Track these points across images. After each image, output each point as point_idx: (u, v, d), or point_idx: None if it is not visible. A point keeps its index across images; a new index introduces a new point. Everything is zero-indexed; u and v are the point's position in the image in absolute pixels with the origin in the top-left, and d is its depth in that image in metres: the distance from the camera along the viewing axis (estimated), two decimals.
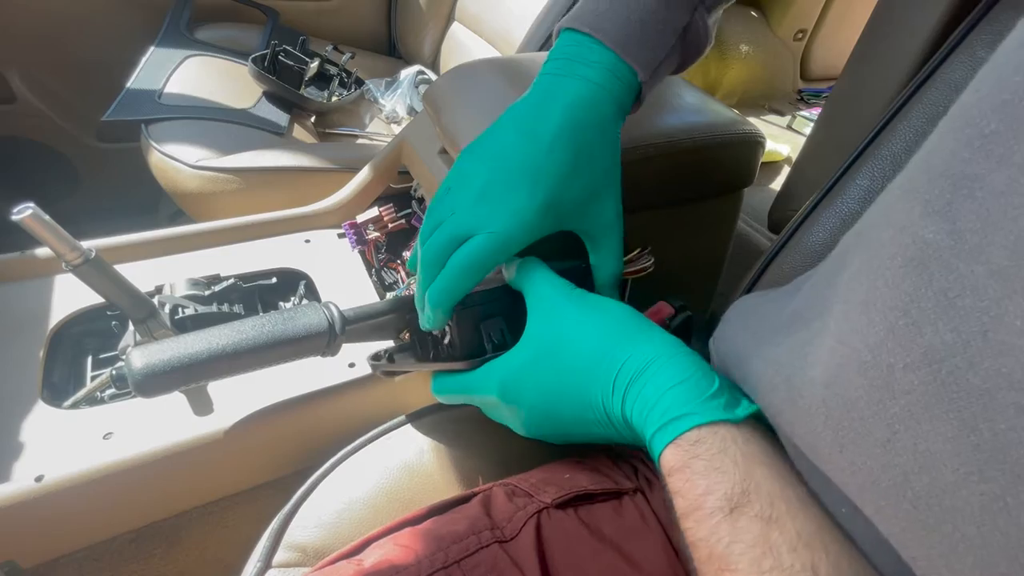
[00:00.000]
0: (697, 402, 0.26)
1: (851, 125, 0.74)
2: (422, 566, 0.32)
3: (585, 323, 0.32)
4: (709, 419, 0.26)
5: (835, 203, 0.44)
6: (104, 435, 0.49)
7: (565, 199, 0.36)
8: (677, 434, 0.26)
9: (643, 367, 0.29)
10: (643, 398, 0.28)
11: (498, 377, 0.35)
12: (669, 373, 0.28)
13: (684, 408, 0.26)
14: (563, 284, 0.35)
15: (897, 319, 0.18)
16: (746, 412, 0.26)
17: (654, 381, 0.28)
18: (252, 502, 0.53)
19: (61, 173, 1.26)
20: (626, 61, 0.36)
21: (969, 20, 0.38)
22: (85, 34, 1.17)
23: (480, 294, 0.39)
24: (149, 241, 0.67)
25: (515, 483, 0.39)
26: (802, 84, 1.55)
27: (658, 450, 0.27)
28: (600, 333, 0.31)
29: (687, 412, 0.26)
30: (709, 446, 0.25)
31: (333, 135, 1.11)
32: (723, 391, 0.27)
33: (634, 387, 0.29)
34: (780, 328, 0.27)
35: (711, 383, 0.27)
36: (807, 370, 0.23)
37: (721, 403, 0.26)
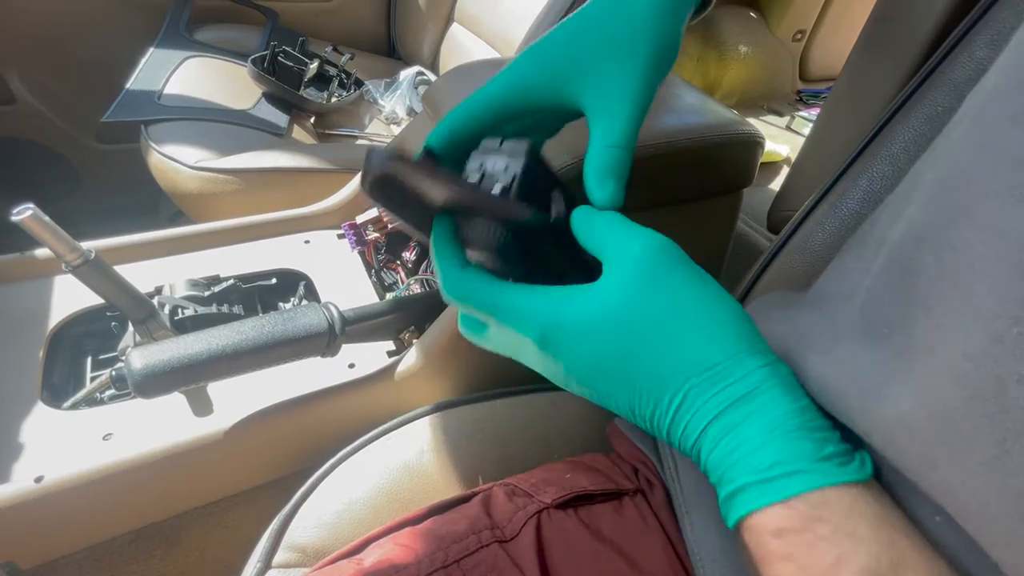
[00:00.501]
0: (810, 457, 0.21)
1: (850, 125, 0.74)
2: (422, 565, 0.32)
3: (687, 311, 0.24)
4: (836, 481, 0.21)
5: (834, 203, 0.44)
6: (104, 436, 0.49)
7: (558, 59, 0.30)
8: (791, 494, 0.21)
9: (743, 395, 0.23)
10: (735, 437, 0.22)
11: (544, 321, 0.26)
12: (777, 410, 0.22)
13: (794, 464, 0.21)
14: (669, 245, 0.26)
15: (1008, 327, 0.16)
16: (871, 469, 0.22)
17: (758, 418, 0.22)
18: (252, 502, 0.53)
19: (61, 174, 1.26)
20: None
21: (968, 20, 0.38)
22: (85, 35, 1.17)
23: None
24: (149, 242, 0.66)
25: (515, 483, 0.39)
26: (801, 85, 1.55)
27: (755, 505, 0.22)
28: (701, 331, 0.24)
29: (803, 469, 0.21)
30: (835, 508, 0.21)
31: (333, 136, 1.11)
32: (841, 444, 0.22)
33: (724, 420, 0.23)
34: (841, 333, 0.24)
35: (825, 427, 0.22)
36: (885, 380, 0.21)
37: (847, 461, 0.22)
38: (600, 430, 0.48)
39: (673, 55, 0.30)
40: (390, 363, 0.55)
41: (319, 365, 0.52)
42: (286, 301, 0.68)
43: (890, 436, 0.21)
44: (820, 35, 1.49)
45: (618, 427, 0.43)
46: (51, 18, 1.13)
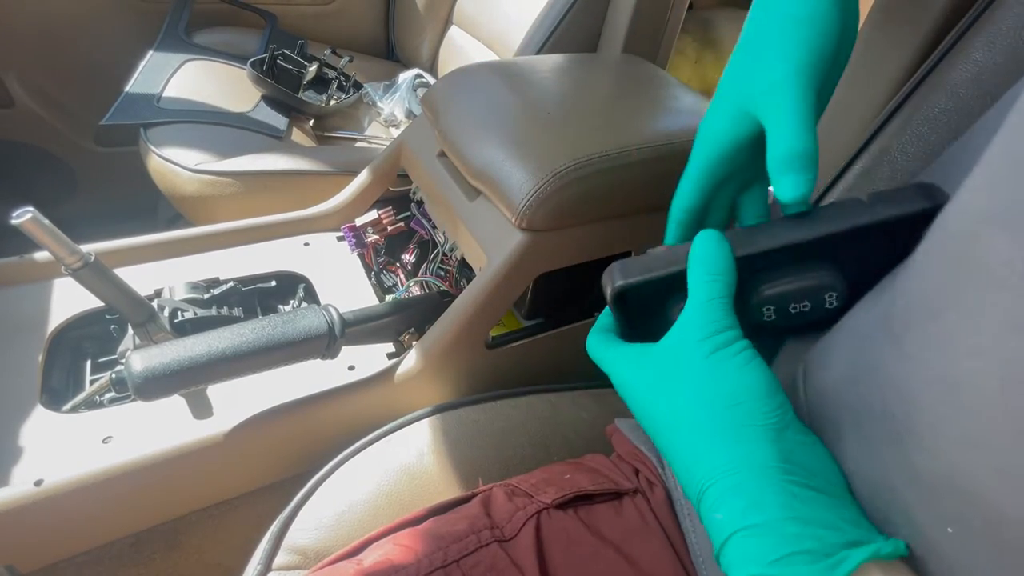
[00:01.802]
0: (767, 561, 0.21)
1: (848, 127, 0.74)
2: (421, 565, 0.32)
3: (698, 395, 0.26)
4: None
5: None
6: (103, 439, 0.49)
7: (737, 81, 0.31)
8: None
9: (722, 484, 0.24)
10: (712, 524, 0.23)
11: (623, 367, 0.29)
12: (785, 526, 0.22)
13: (750, 569, 0.22)
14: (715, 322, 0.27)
15: None
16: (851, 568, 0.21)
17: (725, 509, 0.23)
18: (252, 505, 0.53)
19: (60, 177, 1.26)
20: None
21: (965, 21, 0.39)
22: (83, 38, 1.17)
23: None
24: (148, 245, 0.67)
25: (515, 484, 0.39)
26: None
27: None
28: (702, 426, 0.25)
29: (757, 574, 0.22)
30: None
31: (332, 138, 1.11)
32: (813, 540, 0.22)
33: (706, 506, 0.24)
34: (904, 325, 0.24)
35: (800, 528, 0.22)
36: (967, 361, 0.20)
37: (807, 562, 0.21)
38: (600, 431, 0.48)
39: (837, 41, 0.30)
40: (390, 365, 0.55)
41: (319, 367, 0.52)
42: (286, 303, 0.68)
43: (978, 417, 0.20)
44: None
45: (618, 427, 0.43)
46: (50, 21, 1.13)
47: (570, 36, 0.95)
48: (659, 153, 0.53)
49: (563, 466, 0.41)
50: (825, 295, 0.28)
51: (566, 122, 0.55)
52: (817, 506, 0.23)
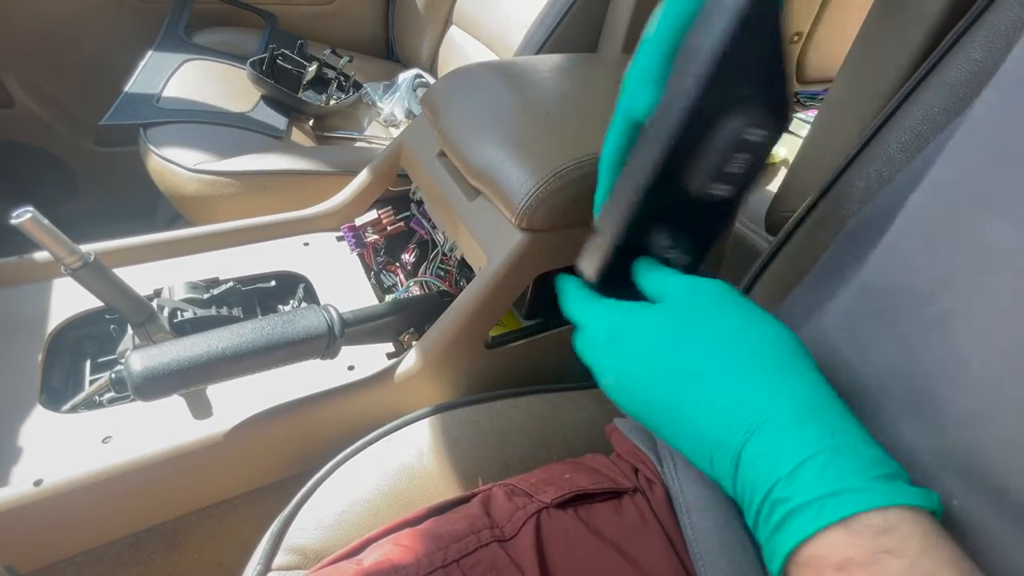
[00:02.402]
0: (871, 476, 0.20)
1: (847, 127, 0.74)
2: (421, 565, 0.32)
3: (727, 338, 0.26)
4: (903, 501, 0.20)
5: (832, 205, 0.44)
6: (103, 439, 0.49)
7: None
8: (851, 512, 0.19)
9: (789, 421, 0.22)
10: (778, 454, 0.22)
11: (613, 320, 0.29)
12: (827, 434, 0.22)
13: (855, 481, 0.20)
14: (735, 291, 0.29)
15: None
16: (939, 499, 0.20)
17: (799, 437, 0.22)
18: (252, 505, 0.53)
19: (59, 177, 1.26)
20: None
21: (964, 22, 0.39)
22: (83, 38, 1.17)
23: None
24: (148, 245, 0.67)
25: (515, 483, 0.39)
26: (798, 87, 1.56)
27: (809, 530, 0.20)
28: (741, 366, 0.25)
29: (861, 487, 0.20)
30: (907, 539, 0.19)
31: (331, 138, 1.11)
32: (900, 469, 0.21)
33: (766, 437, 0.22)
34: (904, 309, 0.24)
35: (884, 457, 0.21)
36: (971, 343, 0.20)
37: (907, 484, 0.20)
38: (599, 430, 0.48)
39: None
40: (389, 365, 0.55)
41: (318, 367, 0.52)
42: (285, 303, 0.68)
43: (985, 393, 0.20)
44: (817, 37, 1.50)
45: (617, 427, 0.43)
46: (49, 21, 1.13)
47: (570, 36, 0.95)
48: None
49: (563, 466, 0.41)
50: None
51: (566, 122, 0.55)
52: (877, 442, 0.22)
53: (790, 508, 0.21)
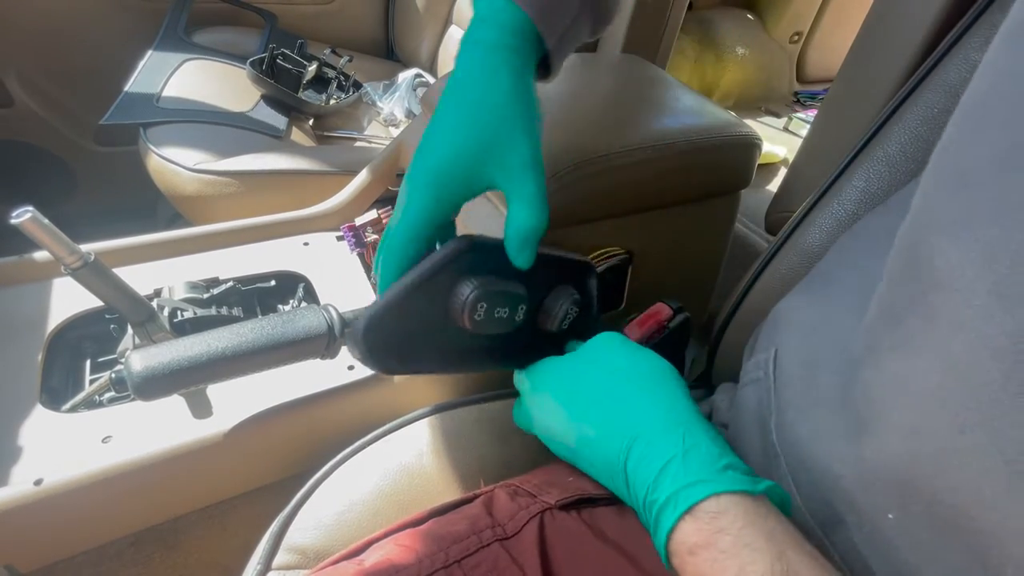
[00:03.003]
0: (712, 470, 0.25)
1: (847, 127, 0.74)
2: (423, 566, 0.32)
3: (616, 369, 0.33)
4: (730, 488, 0.24)
5: (832, 204, 0.44)
6: (103, 439, 0.49)
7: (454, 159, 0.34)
8: (693, 502, 0.24)
9: (658, 432, 0.28)
10: (648, 462, 0.27)
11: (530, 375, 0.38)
12: (682, 443, 0.27)
13: (698, 475, 0.25)
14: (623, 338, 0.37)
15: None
16: (766, 486, 0.25)
17: (661, 446, 0.27)
18: (252, 505, 0.53)
19: (59, 177, 1.26)
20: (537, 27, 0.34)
21: (964, 22, 0.39)
22: (83, 38, 1.17)
23: None
24: (147, 244, 0.66)
25: (518, 484, 0.39)
26: (798, 86, 1.56)
27: (670, 522, 0.24)
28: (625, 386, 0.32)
29: (701, 479, 0.25)
30: (733, 519, 0.23)
31: (331, 138, 1.11)
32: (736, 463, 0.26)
33: (639, 449, 0.28)
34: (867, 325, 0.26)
35: (724, 453, 0.26)
36: (913, 358, 0.22)
37: (741, 475, 0.25)
38: None
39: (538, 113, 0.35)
40: None
41: (318, 367, 0.52)
42: (285, 303, 0.68)
43: (922, 408, 0.22)
44: (817, 37, 1.50)
45: None
46: (49, 20, 1.13)
47: None
48: (659, 153, 0.53)
49: (566, 467, 0.41)
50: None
51: (565, 122, 0.55)
52: (726, 443, 0.28)
53: (657, 508, 0.26)
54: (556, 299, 0.38)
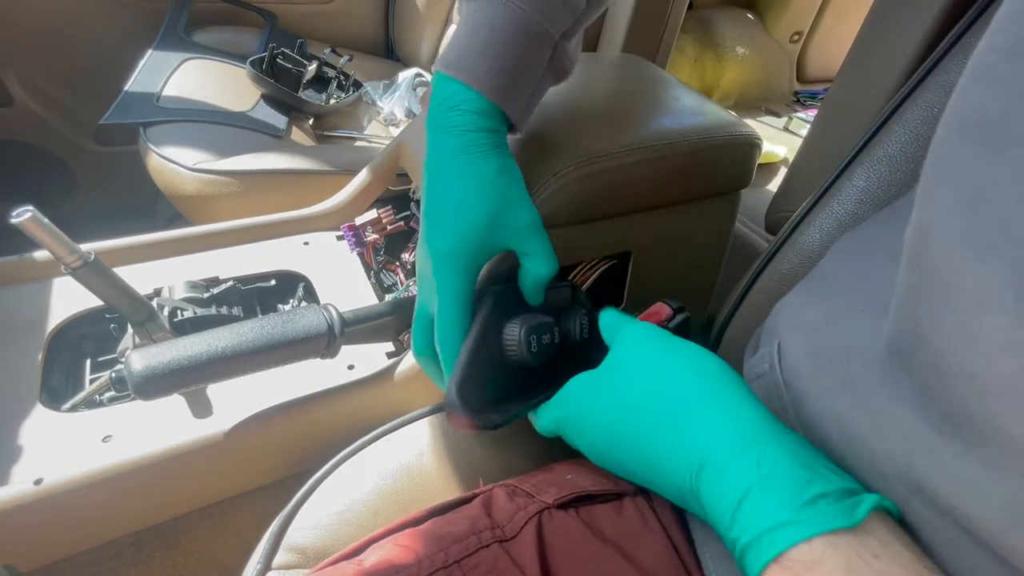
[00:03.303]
0: (797, 504, 0.21)
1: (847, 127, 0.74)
2: (422, 566, 0.32)
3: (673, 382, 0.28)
4: (822, 529, 0.20)
5: (831, 204, 0.44)
6: (103, 438, 0.49)
7: (468, 242, 0.37)
8: (778, 552, 0.21)
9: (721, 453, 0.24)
10: (722, 495, 0.23)
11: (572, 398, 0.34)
12: (757, 470, 0.23)
13: (780, 515, 0.21)
14: (660, 331, 0.33)
15: None
16: (867, 509, 0.21)
17: (735, 473, 0.23)
18: (252, 504, 0.53)
19: (59, 176, 1.26)
20: (501, 107, 0.38)
21: (964, 22, 0.39)
22: (82, 37, 1.17)
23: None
24: (148, 244, 0.66)
25: (516, 484, 0.39)
26: (798, 86, 1.56)
27: (755, 571, 0.22)
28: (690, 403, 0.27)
29: (786, 520, 0.21)
30: (832, 568, 0.20)
31: (331, 138, 1.11)
32: (829, 484, 0.22)
33: (710, 479, 0.24)
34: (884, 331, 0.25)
35: (811, 477, 0.22)
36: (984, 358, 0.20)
37: (833, 506, 0.21)
38: None
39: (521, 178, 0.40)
40: (389, 364, 0.55)
41: (318, 367, 0.52)
42: (285, 303, 0.68)
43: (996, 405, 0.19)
44: (817, 37, 1.50)
45: None
46: (49, 20, 1.13)
47: None
48: (659, 153, 0.53)
49: (564, 466, 0.41)
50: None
51: (565, 122, 0.55)
52: (813, 455, 0.24)
53: (740, 548, 0.23)
54: (567, 317, 0.43)
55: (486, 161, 0.37)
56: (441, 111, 0.38)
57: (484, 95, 0.37)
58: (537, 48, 0.38)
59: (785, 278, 0.45)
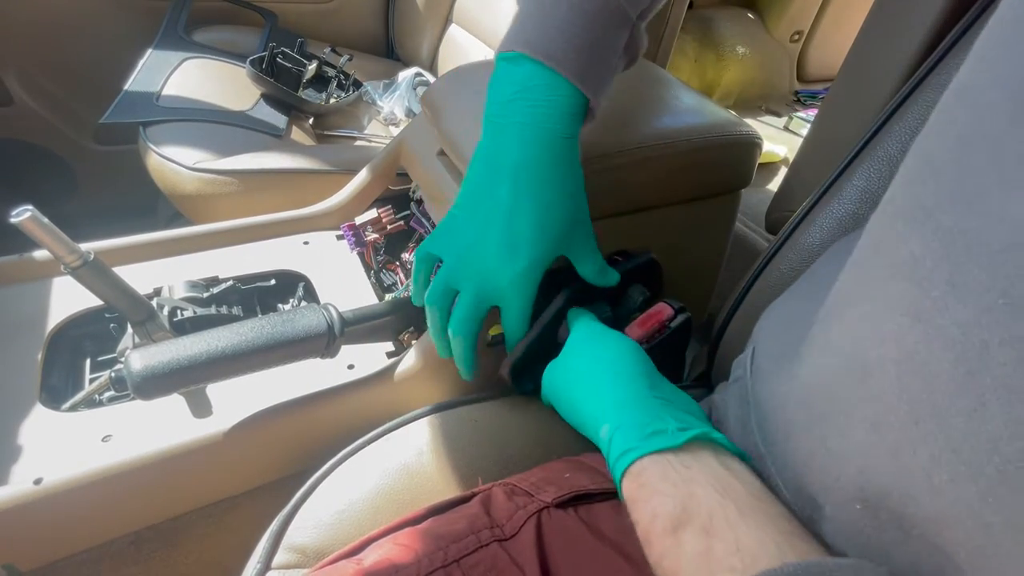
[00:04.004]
0: (638, 438, 0.30)
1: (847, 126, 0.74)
2: (422, 565, 0.32)
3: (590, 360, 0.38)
4: (647, 450, 0.29)
5: (832, 204, 0.44)
6: (103, 437, 0.49)
7: (549, 254, 0.40)
8: (624, 468, 0.29)
9: (610, 413, 0.33)
10: (606, 440, 0.32)
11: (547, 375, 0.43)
12: (623, 420, 0.32)
13: (628, 444, 0.30)
14: (597, 326, 0.42)
15: (995, 300, 0.18)
16: (688, 437, 0.29)
17: (613, 426, 0.32)
18: (251, 504, 0.53)
19: (59, 176, 1.26)
20: (581, 90, 0.36)
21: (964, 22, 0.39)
22: (82, 36, 1.17)
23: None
24: (147, 243, 0.66)
25: (515, 483, 0.39)
26: (799, 85, 1.56)
27: (617, 478, 0.30)
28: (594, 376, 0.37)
29: (630, 448, 0.29)
30: (651, 474, 0.28)
31: (331, 137, 1.11)
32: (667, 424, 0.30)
33: (603, 430, 0.33)
34: (831, 315, 0.27)
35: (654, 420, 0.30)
36: (874, 349, 0.23)
37: (663, 436, 0.29)
38: None
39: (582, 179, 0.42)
40: (389, 364, 0.55)
41: (318, 366, 0.52)
42: (285, 302, 0.68)
43: (881, 400, 0.22)
44: (817, 36, 1.50)
45: None
46: (49, 19, 1.13)
47: None
48: (659, 152, 0.53)
49: (562, 464, 0.41)
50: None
51: None
52: (671, 410, 0.32)
53: (612, 468, 0.31)
54: (623, 303, 0.50)
55: (573, 170, 0.39)
56: (522, 100, 0.36)
57: (568, 78, 0.35)
58: (615, 28, 0.37)
59: (785, 278, 0.45)
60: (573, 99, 0.36)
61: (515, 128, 0.37)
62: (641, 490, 0.28)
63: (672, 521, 0.26)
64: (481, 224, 0.39)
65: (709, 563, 0.24)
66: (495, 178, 0.38)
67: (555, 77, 0.35)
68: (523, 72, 0.36)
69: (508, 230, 0.38)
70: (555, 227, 0.39)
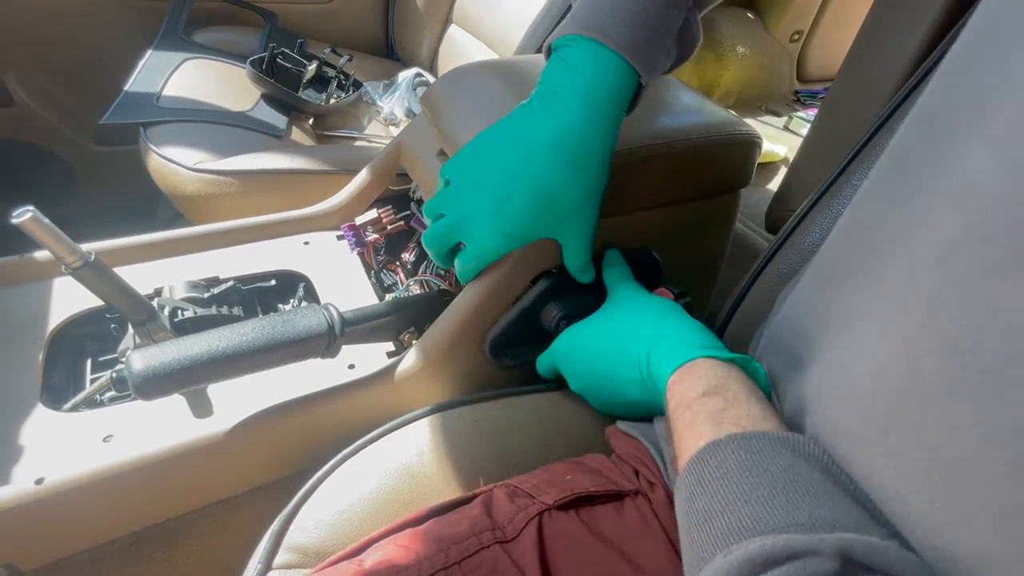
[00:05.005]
0: (696, 349, 0.34)
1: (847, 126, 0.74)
2: (423, 567, 0.32)
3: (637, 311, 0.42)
4: (701, 355, 0.33)
5: (831, 203, 0.44)
6: (104, 438, 0.49)
7: (557, 211, 0.41)
8: (680, 363, 0.34)
9: (664, 335, 0.37)
10: (661, 351, 0.36)
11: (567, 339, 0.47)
12: (682, 338, 0.36)
13: (685, 352, 0.34)
14: (633, 283, 0.48)
15: (923, 312, 0.20)
16: (733, 356, 0.34)
17: (669, 342, 0.36)
18: (252, 504, 0.53)
19: (59, 176, 1.26)
20: (632, 65, 0.36)
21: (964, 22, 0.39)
22: (82, 37, 1.17)
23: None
24: (148, 244, 0.67)
25: (516, 484, 0.39)
26: (798, 85, 1.56)
27: (666, 376, 0.34)
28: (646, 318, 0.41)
29: (687, 354, 0.34)
30: (701, 366, 0.33)
31: (331, 137, 1.11)
32: (721, 347, 0.35)
33: (658, 345, 0.37)
34: (831, 325, 0.28)
35: (711, 341, 0.35)
36: (858, 364, 0.24)
37: (717, 351, 0.34)
38: (600, 431, 0.48)
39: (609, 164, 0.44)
40: (390, 364, 0.55)
41: (319, 366, 0.52)
42: (286, 303, 0.68)
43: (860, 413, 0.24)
44: (817, 36, 1.50)
45: (618, 429, 0.44)
46: (49, 19, 1.13)
47: None
48: (659, 152, 0.53)
49: (564, 466, 0.41)
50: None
51: None
52: (717, 344, 0.36)
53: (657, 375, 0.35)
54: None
55: (603, 142, 0.40)
56: (569, 76, 0.37)
57: (617, 51, 0.36)
58: (672, 12, 0.37)
59: (785, 278, 0.45)
60: (620, 71, 0.37)
61: (559, 100, 0.38)
62: (689, 372, 0.33)
63: (705, 389, 0.31)
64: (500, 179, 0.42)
65: (721, 417, 0.29)
66: (529, 143, 0.40)
67: (603, 49, 0.36)
68: (572, 52, 0.37)
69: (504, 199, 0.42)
70: (554, 207, 0.41)
